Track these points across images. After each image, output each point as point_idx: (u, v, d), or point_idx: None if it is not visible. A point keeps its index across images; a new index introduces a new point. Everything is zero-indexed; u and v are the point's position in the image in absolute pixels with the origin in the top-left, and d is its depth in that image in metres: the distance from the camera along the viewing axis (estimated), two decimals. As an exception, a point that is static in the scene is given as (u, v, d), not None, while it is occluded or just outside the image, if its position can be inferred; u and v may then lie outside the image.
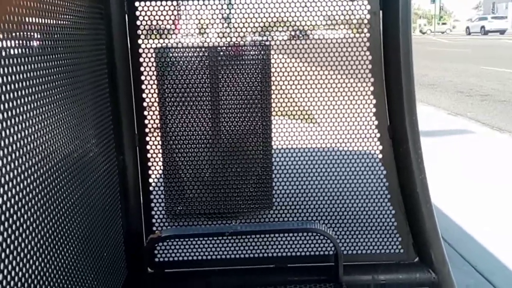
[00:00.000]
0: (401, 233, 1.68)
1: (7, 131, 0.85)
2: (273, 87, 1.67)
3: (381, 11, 1.57)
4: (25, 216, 0.90)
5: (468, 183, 4.20)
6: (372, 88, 1.61)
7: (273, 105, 1.69)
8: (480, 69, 13.52)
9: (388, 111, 1.62)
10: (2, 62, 0.85)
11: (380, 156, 1.65)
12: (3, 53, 0.85)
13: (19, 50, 0.92)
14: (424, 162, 1.60)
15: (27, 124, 0.93)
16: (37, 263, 0.94)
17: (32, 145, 0.95)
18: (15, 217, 0.86)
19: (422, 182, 1.60)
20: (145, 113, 1.63)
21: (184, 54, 1.66)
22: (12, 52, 0.89)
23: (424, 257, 1.66)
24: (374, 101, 1.62)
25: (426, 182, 1.61)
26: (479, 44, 25.36)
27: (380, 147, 1.64)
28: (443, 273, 1.64)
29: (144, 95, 1.62)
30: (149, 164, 1.66)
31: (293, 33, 1.70)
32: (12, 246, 0.84)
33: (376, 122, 1.63)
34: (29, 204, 0.93)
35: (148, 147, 1.65)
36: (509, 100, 8.52)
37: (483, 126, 6.65)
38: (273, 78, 1.65)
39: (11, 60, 0.88)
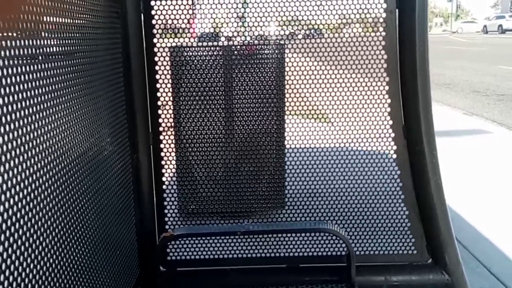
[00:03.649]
0: (415, 234, 1.67)
1: (23, 130, 0.86)
2: (287, 86, 1.66)
3: (397, 10, 1.55)
4: (40, 215, 0.91)
5: (484, 183, 4.14)
6: (387, 88, 1.60)
7: (287, 104, 1.68)
8: (497, 68, 13.32)
9: (403, 111, 1.60)
10: (19, 62, 0.86)
11: (394, 156, 1.63)
12: (20, 53, 0.86)
13: (35, 49, 0.93)
14: (439, 163, 1.59)
15: (42, 123, 0.94)
16: (51, 261, 0.95)
17: (46, 144, 0.96)
18: (30, 214, 0.87)
19: (437, 183, 1.58)
20: (160, 112, 1.64)
21: (199, 53, 1.67)
22: (28, 51, 0.90)
23: (438, 258, 1.65)
24: (388, 101, 1.60)
25: (441, 183, 1.59)
26: (497, 43, 24.98)
27: (395, 147, 1.63)
28: (457, 275, 1.62)
29: (158, 94, 1.63)
30: (163, 162, 1.67)
31: (307, 31, 1.69)
32: (27, 244, 0.85)
33: (390, 122, 1.61)
34: (43, 202, 0.94)
35: (162, 145, 1.66)
36: (527, 100, 8.38)
37: (499, 126, 6.56)
38: (287, 77, 1.64)
39: (27, 60, 0.89)
